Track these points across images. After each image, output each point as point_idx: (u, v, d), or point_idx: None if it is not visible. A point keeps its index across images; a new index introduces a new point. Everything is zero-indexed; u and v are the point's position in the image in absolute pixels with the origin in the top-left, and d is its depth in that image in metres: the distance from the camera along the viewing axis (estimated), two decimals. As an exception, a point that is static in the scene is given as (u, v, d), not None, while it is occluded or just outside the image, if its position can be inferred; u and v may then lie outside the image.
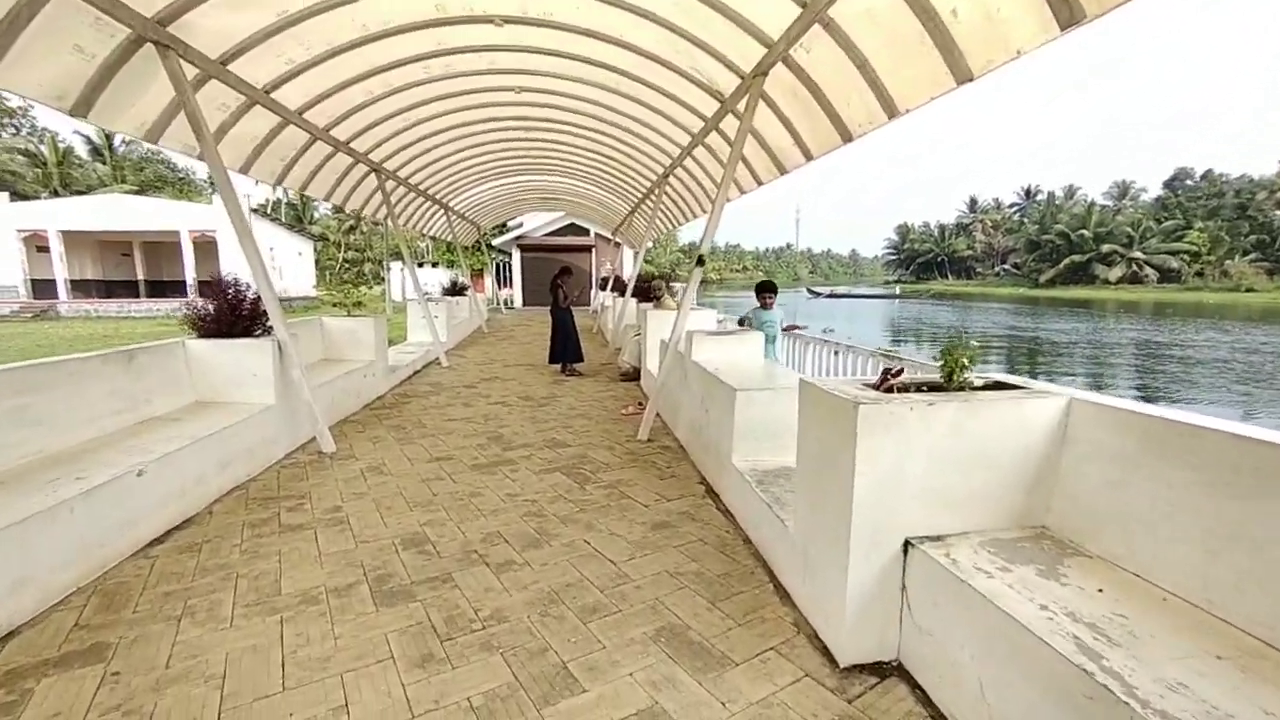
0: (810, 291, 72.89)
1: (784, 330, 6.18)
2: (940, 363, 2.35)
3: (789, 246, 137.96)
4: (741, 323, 6.14)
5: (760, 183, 7.18)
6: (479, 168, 11.71)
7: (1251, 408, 14.34)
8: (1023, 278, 72.25)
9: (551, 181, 13.95)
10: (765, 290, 6.02)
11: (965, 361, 2.29)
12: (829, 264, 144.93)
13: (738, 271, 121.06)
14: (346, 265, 55.23)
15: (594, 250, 25.61)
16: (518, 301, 25.71)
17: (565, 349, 9.03)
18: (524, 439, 5.37)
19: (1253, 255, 57.05)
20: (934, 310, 47.50)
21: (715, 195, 5.21)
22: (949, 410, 2.09)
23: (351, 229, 55.51)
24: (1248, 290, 53.45)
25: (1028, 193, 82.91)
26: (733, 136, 5.40)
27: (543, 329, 9.50)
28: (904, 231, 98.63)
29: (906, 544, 2.14)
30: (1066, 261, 65.03)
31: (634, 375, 8.53)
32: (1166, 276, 60.15)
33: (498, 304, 24.09)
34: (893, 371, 2.32)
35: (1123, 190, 72.41)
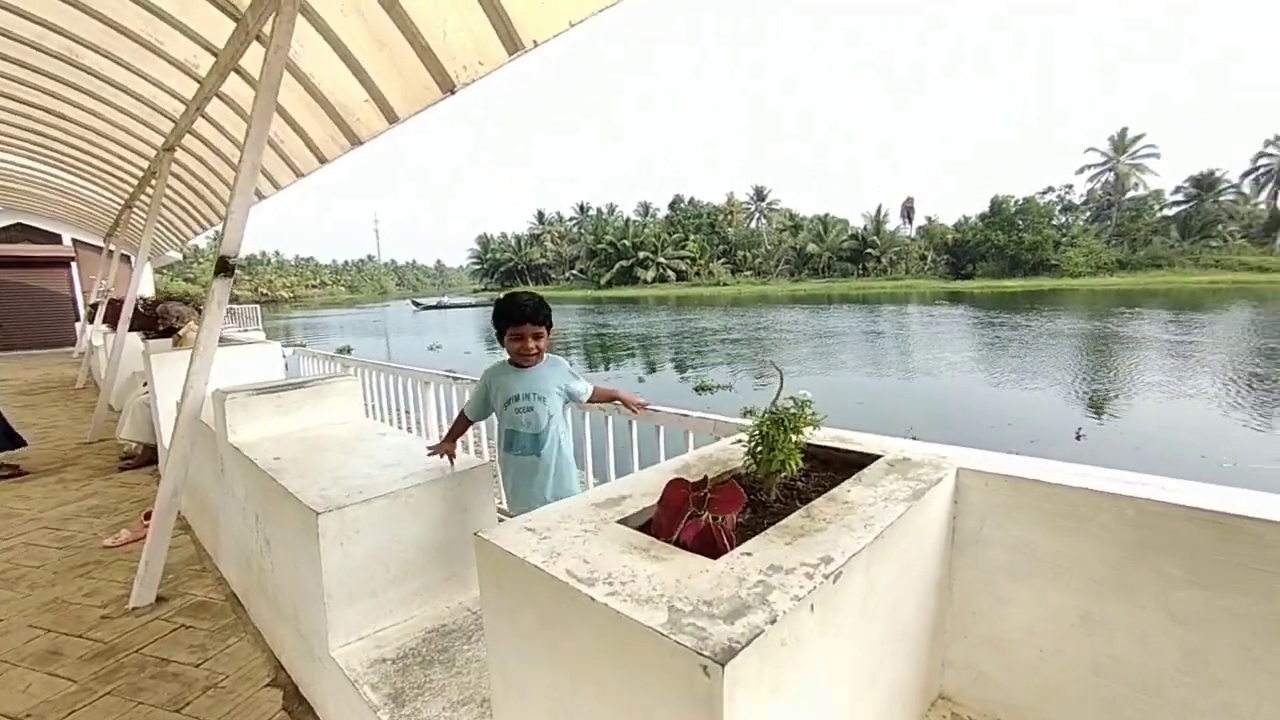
0: (415, 304, 69.19)
1: (600, 401, 2.55)
2: (753, 442, 1.18)
3: (370, 259, 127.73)
4: (464, 423, 2.51)
5: (324, 160, 5.14)
6: None
7: (791, 370, 19.25)
8: (589, 281, 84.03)
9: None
10: (515, 318, 2.27)
11: (806, 433, 1.18)
12: (415, 275, 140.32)
13: (315, 288, 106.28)
14: None
15: (74, 264, 17.52)
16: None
17: (-19, 434, 5.05)
18: None
19: (723, 260, 79.81)
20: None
21: (237, 176, 3.06)
22: (859, 575, 0.93)
23: None
24: (724, 285, 74.47)
25: (581, 208, 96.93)
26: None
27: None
28: (485, 242, 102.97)
29: None
30: (618, 266, 78.60)
31: (146, 459, 5.31)
32: (680, 276, 78.88)
33: None
34: (703, 492, 1.03)
35: (646, 209, 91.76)
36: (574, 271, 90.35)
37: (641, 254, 77.95)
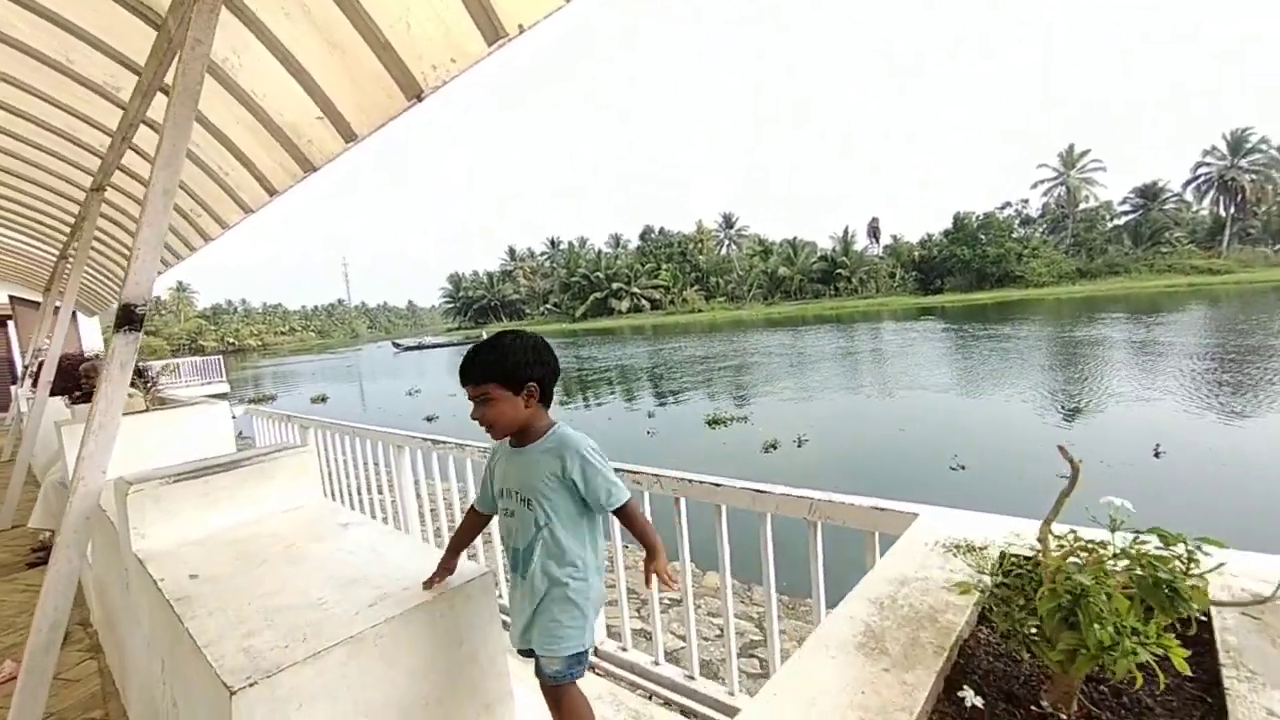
0: (396, 345, 67.93)
1: (630, 528, 1.61)
2: (1022, 609, 0.59)
3: (341, 302, 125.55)
4: (477, 521, 1.80)
5: (274, 191, 4.51)
6: None
7: (805, 392, 18.64)
8: (563, 314, 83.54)
9: None
10: (488, 375, 1.50)
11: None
12: (388, 317, 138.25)
13: (284, 334, 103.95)
14: None
15: (11, 323, 16.34)
16: None
17: None
18: None
19: (696, 287, 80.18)
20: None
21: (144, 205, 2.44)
22: None
23: None
24: (698, 311, 74.62)
25: (552, 242, 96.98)
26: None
27: None
28: (456, 280, 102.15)
29: None
30: (592, 298, 78.36)
31: (62, 548, 4.47)
32: (655, 305, 78.91)
33: None
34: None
35: (617, 240, 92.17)
36: (548, 305, 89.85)
37: (615, 285, 77.96)
